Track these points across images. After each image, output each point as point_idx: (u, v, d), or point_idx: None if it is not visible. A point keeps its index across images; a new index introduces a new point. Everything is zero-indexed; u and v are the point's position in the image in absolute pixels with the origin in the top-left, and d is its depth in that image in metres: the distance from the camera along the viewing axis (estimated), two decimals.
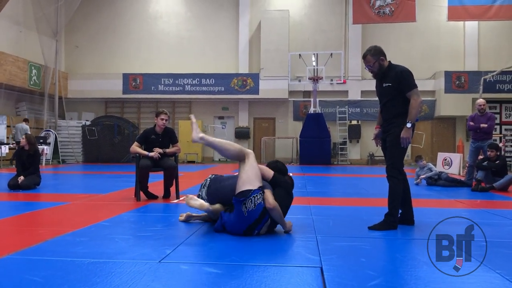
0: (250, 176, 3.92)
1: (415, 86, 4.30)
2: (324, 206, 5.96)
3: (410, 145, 4.48)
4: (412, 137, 4.34)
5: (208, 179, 4.43)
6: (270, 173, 4.17)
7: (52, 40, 18.29)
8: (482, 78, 16.79)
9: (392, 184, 4.37)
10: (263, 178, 4.08)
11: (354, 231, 4.22)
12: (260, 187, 3.89)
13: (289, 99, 19.68)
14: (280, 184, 4.14)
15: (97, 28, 20.72)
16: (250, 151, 4.13)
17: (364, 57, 4.50)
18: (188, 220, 4.59)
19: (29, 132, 15.76)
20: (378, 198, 6.88)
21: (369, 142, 19.32)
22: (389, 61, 4.49)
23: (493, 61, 18.58)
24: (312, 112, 17.59)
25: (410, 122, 4.23)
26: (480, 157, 8.82)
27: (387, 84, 4.40)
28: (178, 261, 3.10)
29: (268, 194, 3.89)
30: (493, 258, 3.17)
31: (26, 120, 16.29)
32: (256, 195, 3.82)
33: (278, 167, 4.34)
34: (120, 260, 3.09)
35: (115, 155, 17.73)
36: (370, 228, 4.26)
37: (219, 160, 20.42)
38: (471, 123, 8.63)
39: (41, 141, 15.78)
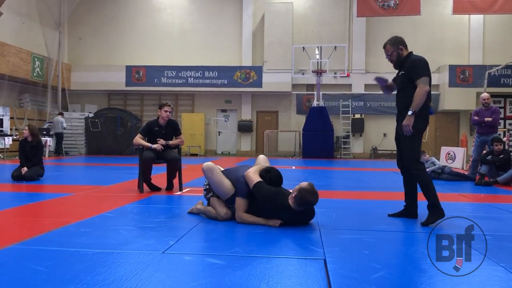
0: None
1: (425, 75, 4.19)
2: (327, 199, 5.94)
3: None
4: (425, 129, 4.28)
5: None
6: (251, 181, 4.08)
7: (55, 32, 18.29)
8: (487, 72, 16.67)
9: (418, 177, 4.26)
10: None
11: (357, 224, 4.22)
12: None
13: (292, 92, 19.63)
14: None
15: (100, 20, 20.69)
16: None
17: (384, 46, 4.47)
18: (198, 212, 4.57)
19: (65, 125, 16.30)
20: (381, 192, 6.89)
21: (372, 136, 19.33)
22: (410, 52, 4.45)
23: (498, 55, 18.44)
24: (315, 105, 17.56)
25: (411, 110, 4.13)
26: (484, 151, 8.78)
27: (401, 72, 4.38)
28: (181, 252, 3.10)
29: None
30: (497, 252, 3.16)
31: (61, 114, 17.19)
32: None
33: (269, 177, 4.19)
34: (124, 250, 3.10)
35: (118, 147, 17.76)
36: (423, 224, 4.10)
37: (222, 153, 20.44)
38: (476, 118, 8.59)
39: (44, 133, 15.82)
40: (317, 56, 18.05)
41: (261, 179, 4.04)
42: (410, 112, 4.13)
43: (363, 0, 16.57)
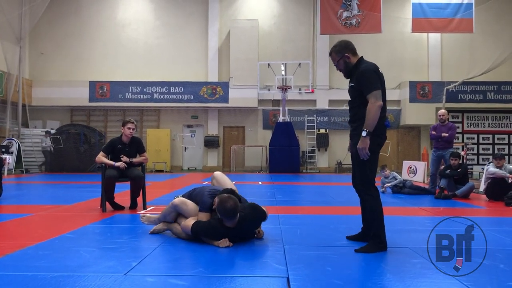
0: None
1: (375, 89, 3.67)
2: (292, 215, 6.01)
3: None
4: (381, 147, 3.84)
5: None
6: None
7: (16, 47, 17.81)
8: (445, 88, 17.34)
9: (369, 202, 3.85)
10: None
11: (321, 240, 4.27)
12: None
13: (259, 107, 19.77)
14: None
15: (63, 35, 20.31)
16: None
17: (330, 54, 4.07)
18: (159, 231, 4.54)
19: (43, 144, 17.10)
20: (346, 206, 7.00)
21: (337, 150, 19.64)
22: (361, 57, 3.95)
23: (455, 71, 19.19)
24: (281, 120, 17.73)
25: (365, 130, 3.62)
26: (442, 166, 9.08)
27: (351, 84, 3.92)
28: (144, 274, 3.06)
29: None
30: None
31: (47, 132, 17.72)
32: None
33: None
34: (84, 273, 3.03)
35: (81, 165, 17.30)
36: (357, 251, 3.77)
37: (188, 169, 20.28)
38: (433, 133, 8.92)
39: (3, 150, 15.29)
40: (282, 73, 18.29)
41: (193, 222, 4.09)
42: (364, 134, 3.63)
43: (327, 18, 16.98)
